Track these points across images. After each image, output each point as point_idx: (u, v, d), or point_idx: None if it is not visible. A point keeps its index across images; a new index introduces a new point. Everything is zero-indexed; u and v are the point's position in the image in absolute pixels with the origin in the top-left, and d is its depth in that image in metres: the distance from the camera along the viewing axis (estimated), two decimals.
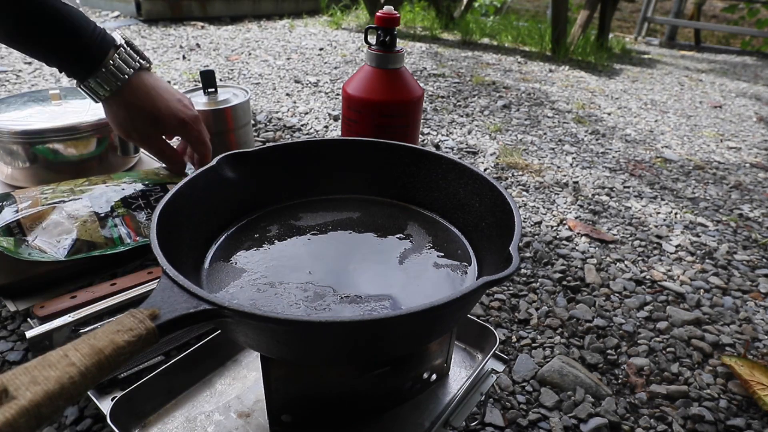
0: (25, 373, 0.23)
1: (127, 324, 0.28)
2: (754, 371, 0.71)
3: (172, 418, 0.48)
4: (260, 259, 0.49)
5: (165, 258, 0.36)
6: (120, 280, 0.67)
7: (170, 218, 0.44)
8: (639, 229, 1.11)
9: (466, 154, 1.43)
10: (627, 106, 2.07)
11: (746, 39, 4.02)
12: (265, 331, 0.36)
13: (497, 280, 0.35)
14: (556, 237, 1.05)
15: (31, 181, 0.91)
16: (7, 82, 1.73)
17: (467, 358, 0.58)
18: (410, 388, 0.50)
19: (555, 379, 0.69)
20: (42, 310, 0.61)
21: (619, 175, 1.39)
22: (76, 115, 0.91)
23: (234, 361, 0.55)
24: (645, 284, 0.92)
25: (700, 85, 2.59)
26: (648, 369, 0.73)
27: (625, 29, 4.66)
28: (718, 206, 1.26)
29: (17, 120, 0.88)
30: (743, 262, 1.02)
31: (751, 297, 0.91)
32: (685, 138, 1.75)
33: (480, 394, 0.54)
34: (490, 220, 0.50)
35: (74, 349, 0.25)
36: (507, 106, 1.91)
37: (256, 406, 0.50)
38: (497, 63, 2.64)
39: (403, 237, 0.54)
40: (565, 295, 0.87)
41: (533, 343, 0.76)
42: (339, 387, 0.47)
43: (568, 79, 2.43)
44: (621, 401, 0.67)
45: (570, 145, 1.58)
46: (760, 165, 1.57)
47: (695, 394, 0.69)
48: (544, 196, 1.23)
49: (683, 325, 0.82)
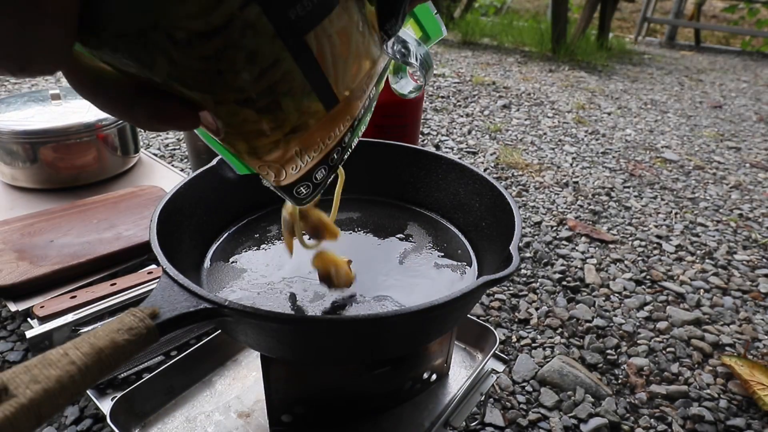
0: (25, 371, 0.23)
1: (128, 323, 0.28)
2: (754, 371, 0.71)
3: (172, 418, 0.48)
4: (260, 259, 0.49)
5: (165, 257, 0.36)
6: (120, 280, 0.67)
7: (170, 218, 0.44)
8: (639, 229, 1.11)
9: (466, 154, 1.43)
10: (627, 106, 2.07)
11: (746, 39, 4.02)
12: (265, 330, 0.36)
13: (497, 279, 0.35)
14: (556, 237, 1.05)
15: (32, 180, 0.91)
16: (7, 82, 1.73)
17: (467, 358, 0.58)
18: (410, 388, 0.50)
19: (555, 379, 0.69)
20: (42, 310, 0.60)
21: (619, 175, 1.39)
22: (76, 115, 0.91)
23: (234, 361, 0.55)
24: (645, 284, 0.92)
25: (700, 85, 2.59)
26: (648, 369, 0.73)
27: (625, 29, 4.66)
28: (718, 206, 1.26)
29: (17, 120, 0.88)
30: (743, 262, 1.02)
31: (751, 297, 0.91)
32: (685, 138, 1.75)
33: (480, 394, 0.54)
34: (490, 220, 0.50)
35: (74, 347, 0.25)
36: (507, 106, 1.91)
37: (256, 406, 0.50)
38: (497, 63, 2.64)
39: (403, 237, 0.54)
40: (565, 295, 0.87)
41: (533, 343, 0.76)
42: (339, 387, 0.47)
43: (568, 79, 2.43)
44: (621, 401, 0.67)
45: (570, 145, 1.58)
46: (760, 165, 1.57)
47: (695, 394, 0.69)
48: (544, 196, 1.23)
49: (683, 325, 0.82)
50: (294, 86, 0.24)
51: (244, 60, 0.21)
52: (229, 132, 0.25)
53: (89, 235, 0.76)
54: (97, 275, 0.71)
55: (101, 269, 0.72)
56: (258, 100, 0.23)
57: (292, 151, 0.27)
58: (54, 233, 0.76)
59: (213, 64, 0.21)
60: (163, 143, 1.35)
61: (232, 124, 0.24)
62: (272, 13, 0.21)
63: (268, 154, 0.26)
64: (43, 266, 0.68)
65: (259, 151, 0.26)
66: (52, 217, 0.80)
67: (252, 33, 0.21)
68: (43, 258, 0.69)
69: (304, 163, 0.28)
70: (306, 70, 0.23)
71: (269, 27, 0.21)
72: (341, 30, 0.24)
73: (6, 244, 0.72)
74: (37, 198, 0.90)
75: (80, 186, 0.94)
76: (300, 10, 0.21)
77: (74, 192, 0.92)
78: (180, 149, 1.32)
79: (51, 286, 0.67)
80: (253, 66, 0.22)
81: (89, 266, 0.70)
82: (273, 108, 0.24)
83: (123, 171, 1.01)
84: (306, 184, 0.30)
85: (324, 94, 0.25)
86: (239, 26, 0.20)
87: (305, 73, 0.23)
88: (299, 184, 0.30)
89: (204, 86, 0.22)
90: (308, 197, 0.31)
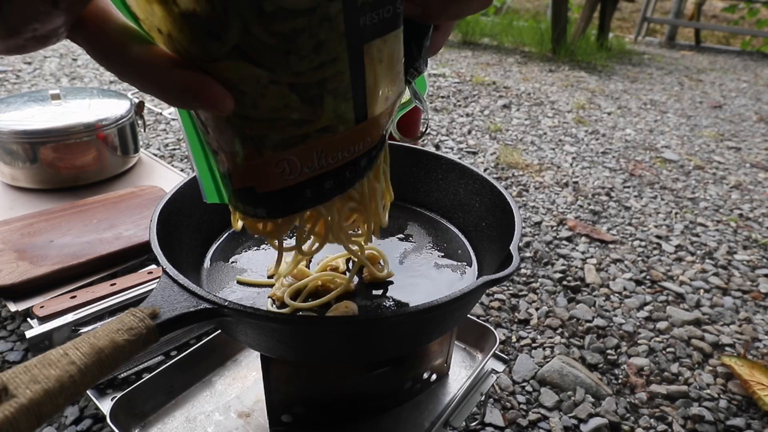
0: (25, 371, 0.23)
1: (128, 323, 0.28)
2: (754, 371, 0.71)
3: (172, 418, 0.48)
4: (260, 259, 0.49)
5: (165, 257, 0.36)
6: (120, 280, 0.67)
7: (170, 218, 0.44)
8: (639, 229, 1.11)
9: (466, 154, 1.43)
10: (627, 106, 2.07)
11: (746, 39, 4.02)
12: (265, 330, 0.36)
13: (497, 279, 0.35)
14: (556, 237, 1.05)
15: (31, 180, 0.91)
16: (6, 82, 1.73)
17: (467, 358, 0.58)
18: (410, 388, 0.50)
19: (555, 379, 0.69)
20: (42, 310, 0.60)
21: (619, 175, 1.39)
22: (76, 115, 0.91)
23: (234, 361, 0.55)
24: (645, 284, 0.92)
25: (700, 85, 2.59)
26: (648, 369, 0.73)
27: (625, 29, 4.66)
28: (718, 206, 1.26)
29: (17, 120, 0.88)
30: (743, 262, 1.02)
31: (751, 297, 0.91)
32: (685, 138, 1.75)
33: (480, 394, 0.54)
34: (490, 220, 0.50)
35: (74, 347, 0.25)
36: (507, 106, 1.91)
37: (256, 406, 0.50)
38: (497, 63, 2.64)
39: (403, 237, 0.54)
40: (565, 295, 0.87)
41: (533, 343, 0.76)
42: (339, 387, 0.47)
43: (568, 79, 2.43)
44: (621, 401, 0.67)
45: (570, 145, 1.58)
46: (760, 165, 1.57)
47: (695, 394, 0.69)
48: (544, 196, 1.23)
49: (683, 325, 0.82)
50: (340, 88, 0.26)
51: (312, 48, 0.23)
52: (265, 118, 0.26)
53: (89, 235, 0.76)
54: (97, 275, 0.71)
55: (101, 269, 0.72)
56: (308, 89, 0.25)
57: (314, 150, 0.28)
58: (54, 233, 0.76)
59: (284, 42, 0.22)
60: (163, 143, 1.35)
61: (276, 108, 0.25)
62: (349, 13, 0.23)
63: (292, 147, 0.28)
64: (43, 266, 0.68)
65: (287, 142, 0.27)
66: (52, 217, 0.80)
67: (328, 26, 0.23)
68: (43, 258, 0.69)
69: (320, 166, 0.29)
70: (354, 76, 0.25)
71: (342, 25, 0.23)
72: (391, 52, 0.27)
73: (6, 244, 0.72)
74: (37, 198, 0.90)
75: (80, 186, 0.94)
76: (369, 20, 0.24)
77: (74, 192, 0.92)
78: (180, 149, 1.32)
79: (51, 286, 0.67)
80: (317, 56, 0.23)
81: (89, 266, 0.70)
82: (316, 101, 0.26)
83: (123, 171, 1.01)
84: (313, 188, 0.31)
85: (358, 105, 0.27)
86: (320, 15, 0.22)
87: (353, 78, 0.26)
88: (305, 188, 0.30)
89: (266, 62, 0.23)
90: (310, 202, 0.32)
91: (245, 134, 0.27)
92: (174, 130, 1.44)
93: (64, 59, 2.06)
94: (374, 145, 0.31)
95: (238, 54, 0.23)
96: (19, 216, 0.80)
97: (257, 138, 0.27)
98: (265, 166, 0.28)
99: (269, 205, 0.31)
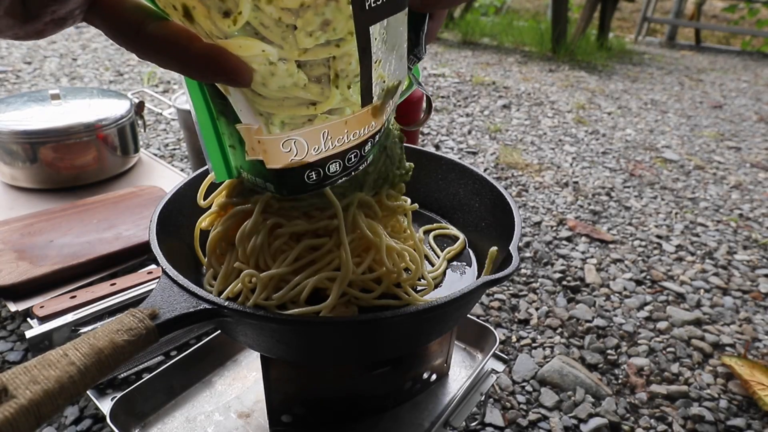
0: (24, 372, 0.23)
1: (127, 323, 0.28)
2: (754, 371, 0.71)
3: (171, 418, 0.48)
4: None
5: (165, 258, 0.36)
6: (120, 280, 0.67)
7: (170, 218, 0.44)
8: (639, 229, 1.11)
9: (466, 154, 1.43)
10: (627, 106, 2.07)
11: (746, 39, 4.02)
12: (265, 331, 0.36)
13: (497, 279, 0.35)
14: (556, 237, 1.05)
15: (31, 180, 0.91)
16: (6, 82, 1.73)
17: (467, 358, 0.57)
18: (410, 388, 0.50)
19: (555, 379, 0.69)
20: (42, 310, 0.60)
21: (619, 175, 1.39)
22: (76, 115, 0.91)
23: (234, 361, 0.55)
24: (645, 284, 0.92)
25: (700, 85, 2.59)
26: (648, 369, 0.73)
27: (625, 29, 4.66)
28: (719, 206, 1.26)
29: (17, 120, 0.88)
30: (743, 262, 1.02)
31: (751, 297, 0.91)
32: (685, 138, 1.75)
33: (480, 394, 0.54)
34: (490, 220, 0.50)
35: (74, 348, 0.25)
36: (507, 106, 1.91)
37: (256, 406, 0.50)
38: (497, 63, 2.64)
39: None
40: (565, 295, 0.87)
41: (533, 343, 0.76)
42: (339, 387, 0.47)
43: (568, 79, 2.43)
44: (621, 401, 0.67)
45: (570, 145, 1.58)
46: (761, 165, 1.57)
47: (695, 394, 0.69)
48: (544, 196, 1.23)
49: (683, 325, 0.82)
50: (348, 69, 0.26)
51: (319, 25, 0.24)
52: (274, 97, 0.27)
53: (89, 235, 0.76)
54: (96, 275, 0.71)
55: (101, 269, 0.72)
56: (315, 67, 0.26)
57: (321, 131, 0.29)
58: (54, 233, 0.76)
59: (292, 18, 0.23)
60: (163, 143, 1.35)
61: (284, 87, 0.26)
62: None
63: (300, 128, 0.28)
64: (43, 266, 0.68)
65: (295, 121, 0.28)
66: (52, 217, 0.80)
67: (334, 6, 0.23)
68: (43, 258, 0.69)
69: (326, 148, 0.30)
70: (362, 57, 0.26)
71: (348, 8, 0.23)
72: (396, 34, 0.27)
73: (6, 244, 0.72)
74: (37, 198, 0.90)
75: (80, 186, 0.94)
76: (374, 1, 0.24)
77: (74, 192, 0.92)
78: (180, 149, 1.32)
79: (51, 286, 0.67)
80: (323, 34, 0.24)
81: (89, 266, 0.70)
82: (324, 81, 0.26)
83: (123, 171, 1.01)
84: (318, 170, 0.31)
85: (365, 88, 0.28)
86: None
87: (361, 59, 0.26)
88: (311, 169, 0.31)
89: (276, 38, 0.24)
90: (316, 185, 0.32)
91: (255, 110, 0.28)
92: (174, 130, 1.44)
93: (64, 59, 2.06)
94: (378, 129, 0.32)
95: (249, 31, 0.23)
96: (19, 216, 0.80)
97: (266, 116, 0.28)
98: (273, 144, 0.29)
99: (276, 182, 0.32)
